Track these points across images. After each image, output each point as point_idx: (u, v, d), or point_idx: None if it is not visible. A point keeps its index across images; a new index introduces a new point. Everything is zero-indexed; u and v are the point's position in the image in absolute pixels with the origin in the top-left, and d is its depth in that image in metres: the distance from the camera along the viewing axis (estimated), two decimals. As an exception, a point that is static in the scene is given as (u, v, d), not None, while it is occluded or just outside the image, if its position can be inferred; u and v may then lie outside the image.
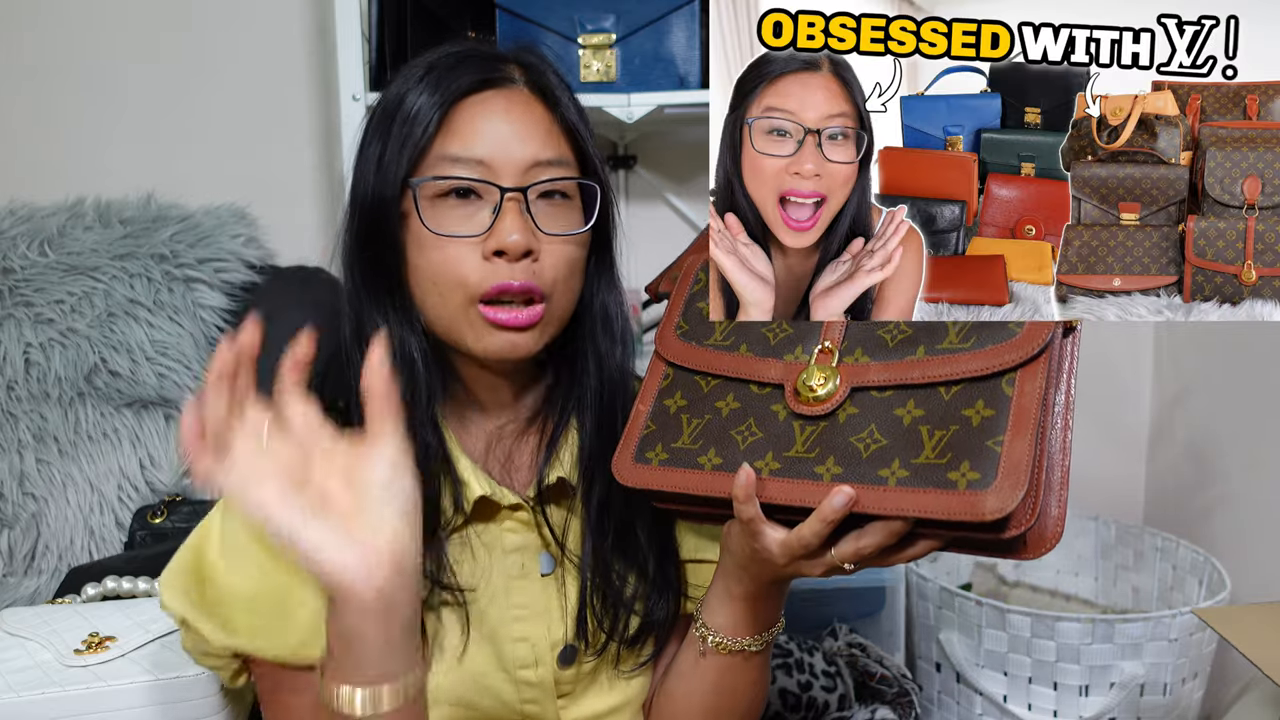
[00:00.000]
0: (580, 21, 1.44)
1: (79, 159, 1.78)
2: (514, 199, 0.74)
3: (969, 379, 0.65)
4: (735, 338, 0.75)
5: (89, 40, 1.76)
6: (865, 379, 0.68)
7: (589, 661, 0.82)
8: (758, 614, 0.77)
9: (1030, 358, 0.64)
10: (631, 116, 1.44)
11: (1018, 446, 0.61)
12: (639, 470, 0.73)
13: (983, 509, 0.60)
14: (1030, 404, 0.62)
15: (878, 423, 0.66)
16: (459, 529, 0.79)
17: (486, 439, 0.82)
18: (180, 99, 1.78)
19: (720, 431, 0.72)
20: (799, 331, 0.73)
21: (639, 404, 0.77)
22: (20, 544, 1.43)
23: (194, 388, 1.47)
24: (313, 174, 1.81)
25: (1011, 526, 0.62)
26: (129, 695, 0.88)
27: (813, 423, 0.69)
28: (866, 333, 0.70)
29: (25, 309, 1.45)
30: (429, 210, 0.74)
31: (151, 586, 1.09)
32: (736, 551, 0.73)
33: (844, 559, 0.66)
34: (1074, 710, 1.39)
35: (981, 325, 0.66)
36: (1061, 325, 0.66)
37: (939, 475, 0.62)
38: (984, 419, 0.63)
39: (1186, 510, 1.77)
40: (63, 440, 1.45)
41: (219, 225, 1.55)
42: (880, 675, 1.32)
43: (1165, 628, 1.35)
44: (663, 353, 0.78)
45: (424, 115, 0.74)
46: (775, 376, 0.71)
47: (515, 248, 0.72)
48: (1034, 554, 0.65)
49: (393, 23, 1.40)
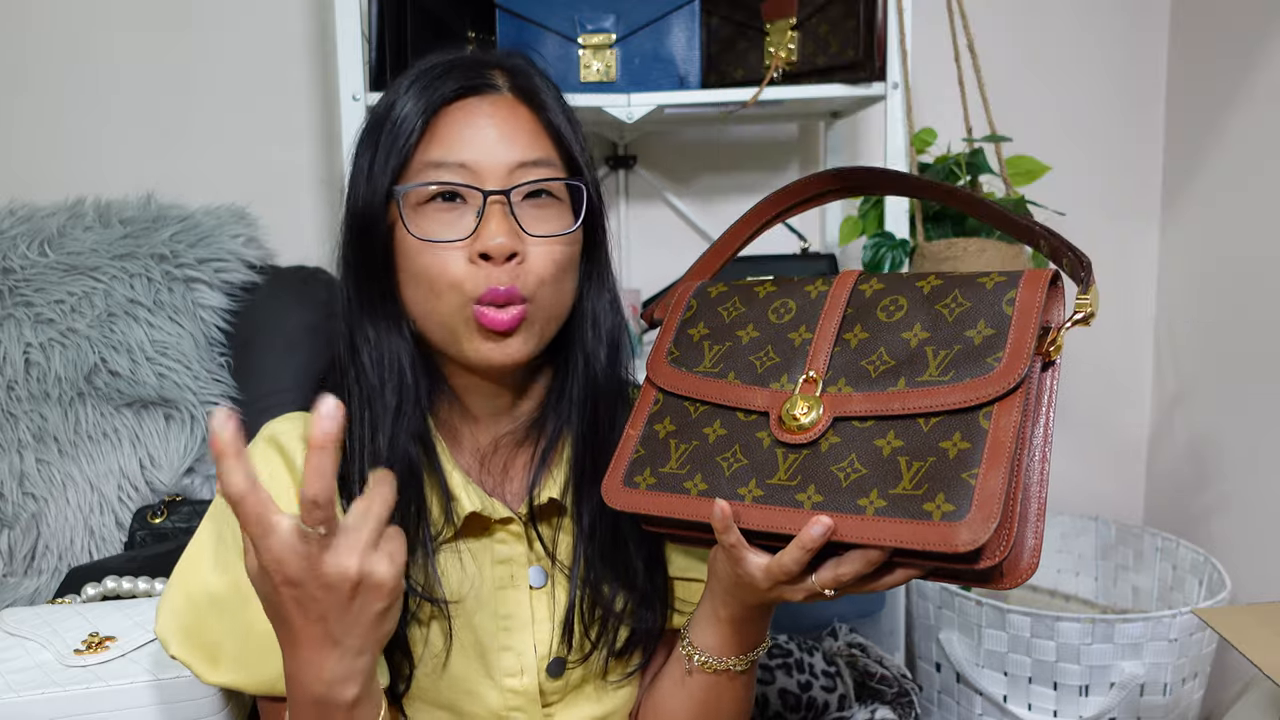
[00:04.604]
0: (580, 21, 1.44)
1: (79, 159, 1.78)
2: (497, 201, 0.74)
3: (948, 411, 0.66)
4: (724, 365, 0.77)
5: (89, 40, 1.76)
6: (848, 409, 0.69)
7: (576, 671, 0.82)
8: (743, 635, 0.78)
9: (1007, 392, 0.64)
10: (631, 116, 1.44)
11: (991, 479, 0.62)
12: (627, 494, 0.75)
13: (956, 540, 0.61)
14: (1005, 437, 0.63)
15: (858, 452, 0.67)
16: (449, 540, 0.79)
17: (480, 451, 0.82)
18: (180, 99, 1.78)
19: (707, 457, 0.73)
20: (785, 360, 0.74)
21: (629, 428, 0.78)
22: (20, 544, 1.43)
23: (194, 388, 1.47)
24: (313, 174, 1.81)
25: (985, 557, 0.63)
26: (129, 695, 0.88)
27: (795, 451, 0.70)
28: (850, 362, 0.71)
29: (25, 309, 1.45)
30: (414, 217, 0.74)
31: (151, 586, 1.09)
32: (722, 575, 0.74)
33: (824, 585, 0.67)
34: (1074, 710, 1.39)
35: (962, 357, 0.67)
36: (1039, 359, 0.67)
37: (915, 506, 0.64)
38: (960, 451, 0.64)
39: (1186, 510, 1.77)
40: (63, 440, 1.45)
41: (219, 225, 1.55)
42: (880, 675, 1.31)
43: (1165, 628, 1.35)
44: (653, 378, 0.80)
45: (408, 123, 0.75)
46: (761, 404, 0.73)
47: (500, 250, 0.73)
48: (1010, 584, 0.66)
49: (393, 23, 1.40)
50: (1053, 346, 0.67)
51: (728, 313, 0.79)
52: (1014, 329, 0.67)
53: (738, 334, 0.78)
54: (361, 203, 0.76)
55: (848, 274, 0.76)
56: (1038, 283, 0.68)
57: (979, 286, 0.70)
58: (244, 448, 0.56)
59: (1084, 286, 0.68)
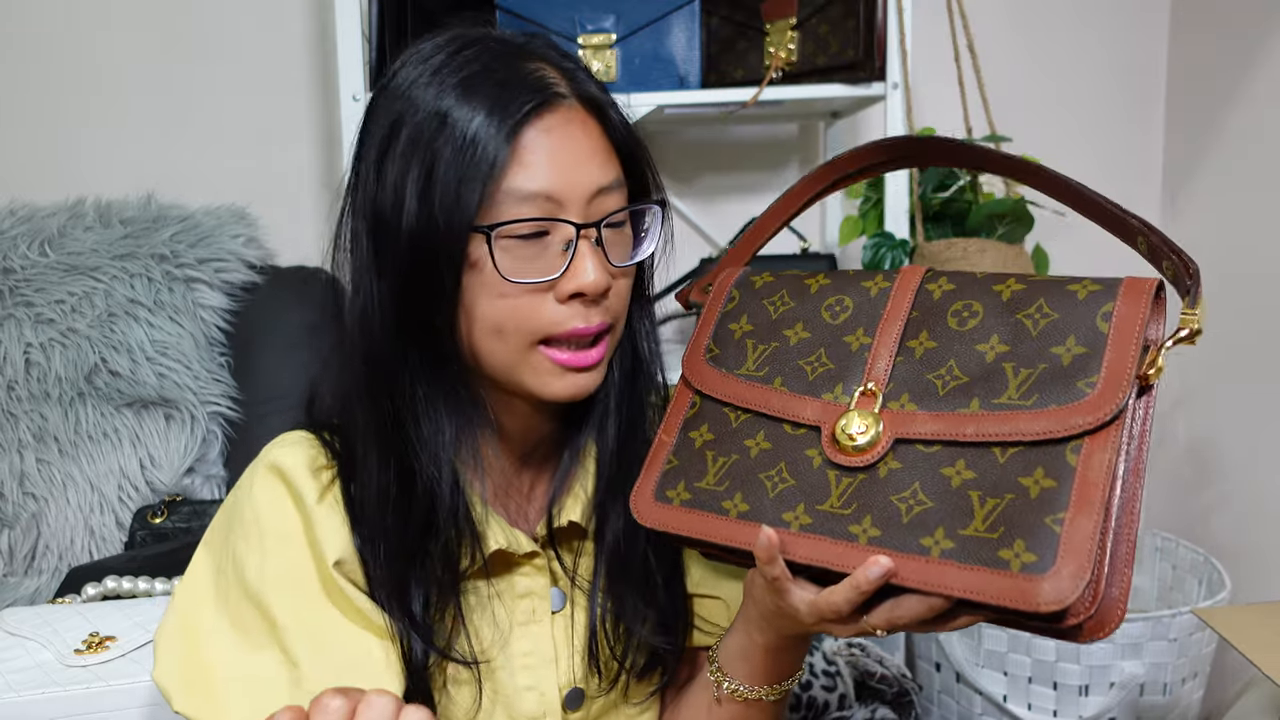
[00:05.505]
0: (580, 21, 1.45)
1: (79, 159, 1.78)
2: (586, 235, 0.67)
3: (1028, 442, 0.57)
4: (770, 369, 0.68)
5: (89, 40, 1.76)
6: (911, 430, 0.60)
7: (597, 700, 0.78)
8: (779, 664, 0.72)
9: (1101, 424, 0.55)
10: (631, 117, 1.43)
11: (1081, 526, 0.53)
12: (659, 510, 0.67)
13: (1037, 598, 0.53)
14: (1098, 477, 0.54)
15: (922, 482, 0.59)
16: (472, 577, 0.74)
17: (503, 474, 0.77)
18: (180, 99, 1.78)
19: (748, 474, 0.65)
20: (840, 367, 0.65)
21: (662, 433, 0.70)
22: (20, 544, 1.43)
23: (194, 388, 1.47)
24: (313, 174, 1.81)
25: (1070, 616, 0.55)
26: (129, 695, 0.88)
27: (850, 474, 0.61)
28: (915, 375, 0.63)
29: (26, 309, 1.46)
30: (500, 255, 0.65)
31: (151, 586, 1.09)
32: (760, 602, 0.67)
33: (876, 627, 0.60)
34: (1074, 710, 1.39)
35: (1047, 378, 0.58)
36: (1137, 383, 0.57)
37: (989, 552, 0.55)
38: (1044, 490, 0.55)
39: (1186, 510, 1.77)
40: (63, 440, 1.45)
41: (219, 225, 1.55)
42: (880, 675, 1.31)
43: (1165, 628, 1.35)
44: (690, 379, 0.71)
45: (489, 147, 0.64)
46: (811, 418, 0.64)
47: (596, 288, 0.67)
48: (1090, 638, 0.57)
49: (393, 23, 1.40)
50: (1152, 369, 0.57)
51: (774, 307, 0.71)
52: (1111, 349, 0.58)
53: (785, 333, 0.69)
54: (422, 231, 0.65)
55: (912, 270, 0.67)
56: (1140, 294, 0.59)
57: (1069, 295, 0.61)
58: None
59: (1191, 299, 0.58)
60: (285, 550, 0.69)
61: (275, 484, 0.71)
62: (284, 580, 0.68)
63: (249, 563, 0.69)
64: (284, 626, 0.67)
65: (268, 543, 0.69)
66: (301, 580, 0.69)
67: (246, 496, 0.71)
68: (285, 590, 0.68)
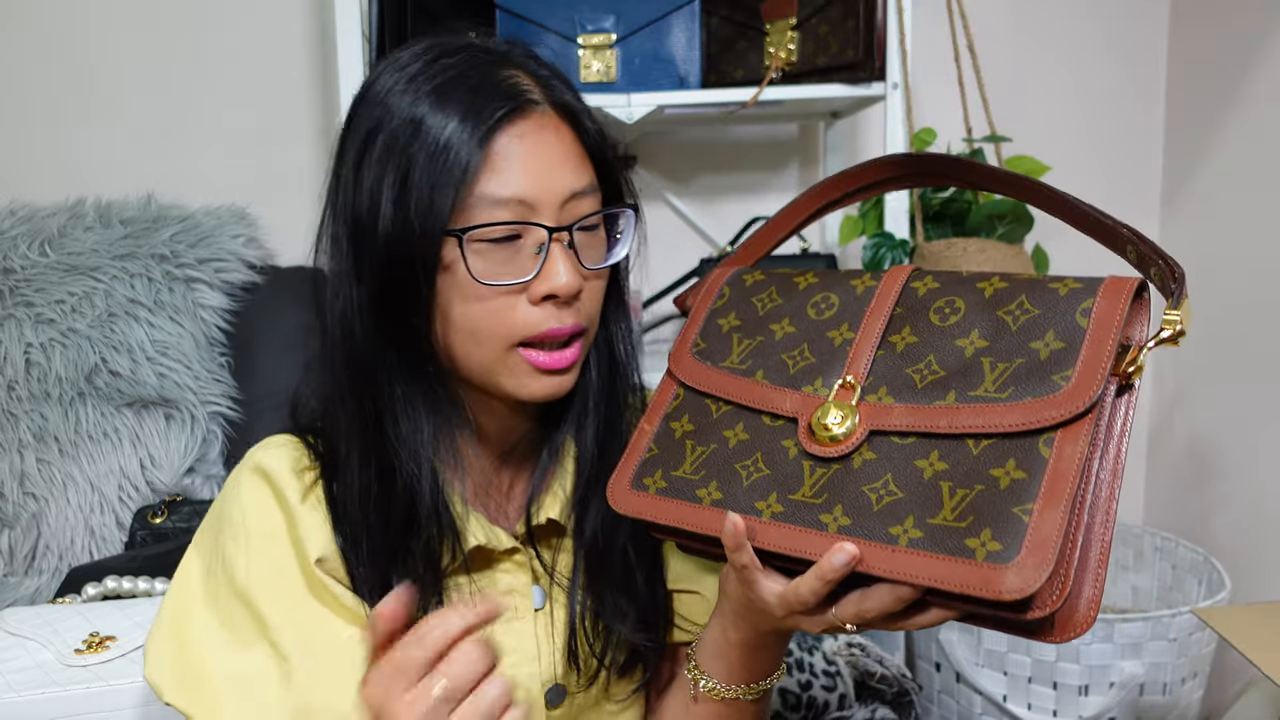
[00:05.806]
0: (580, 22, 1.44)
1: (79, 159, 1.78)
2: (558, 239, 0.68)
3: (1002, 434, 0.57)
4: (753, 361, 0.69)
5: (89, 40, 1.76)
6: (887, 422, 0.61)
7: (578, 697, 0.78)
8: (755, 662, 0.72)
9: (1074, 416, 0.56)
10: (631, 116, 1.44)
11: (1049, 518, 0.54)
12: (634, 497, 0.68)
13: (1001, 586, 0.53)
14: (1068, 469, 0.55)
15: (895, 473, 0.59)
16: (454, 575, 0.74)
17: (483, 473, 0.78)
18: (180, 99, 1.78)
19: (725, 463, 0.66)
20: (822, 361, 0.66)
21: (644, 422, 0.71)
22: (21, 544, 1.43)
23: (194, 388, 1.47)
24: (313, 174, 1.81)
25: (1035, 608, 0.55)
26: (129, 695, 0.88)
27: (824, 465, 0.62)
28: (894, 369, 0.63)
29: (26, 309, 1.46)
30: (473, 258, 0.67)
31: (151, 586, 1.09)
32: (733, 596, 0.68)
33: (844, 620, 0.60)
34: (1074, 710, 1.39)
35: (1024, 372, 0.59)
36: (1115, 381, 0.59)
37: (956, 541, 0.55)
38: (1014, 481, 0.56)
39: (1186, 510, 1.77)
40: (63, 440, 1.45)
41: (219, 225, 1.55)
42: (880, 675, 1.31)
43: (1165, 627, 1.35)
44: (675, 371, 0.72)
45: (461, 152, 0.65)
46: (790, 409, 0.65)
47: (569, 290, 0.68)
48: (1061, 638, 0.58)
49: (393, 23, 1.40)
50: (1132, 367, 0.58)
51: (762, 304, 0.72)
52: (1088, 344, 0.58)
53: (771, 328, 0.70)
54: (398, 236, 0.66)
55: (899, 269, 0.68)
56: (1120, 292, 0.60)
57: (1050, 292, 0.62)
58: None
59: (1175, 300, 0.60)
60: (270, 549, 0.71)
61: (260, 485, 0.73)
62: (270, 578, 0.70)
63: (237, 563, 0.70)
64: (272, 623, 0.68)
65: (254, 542, 0.71)
66: (287, 578, 0.70)
67: (233, 498, 0.73)
68: (272, 588, 0.69)
